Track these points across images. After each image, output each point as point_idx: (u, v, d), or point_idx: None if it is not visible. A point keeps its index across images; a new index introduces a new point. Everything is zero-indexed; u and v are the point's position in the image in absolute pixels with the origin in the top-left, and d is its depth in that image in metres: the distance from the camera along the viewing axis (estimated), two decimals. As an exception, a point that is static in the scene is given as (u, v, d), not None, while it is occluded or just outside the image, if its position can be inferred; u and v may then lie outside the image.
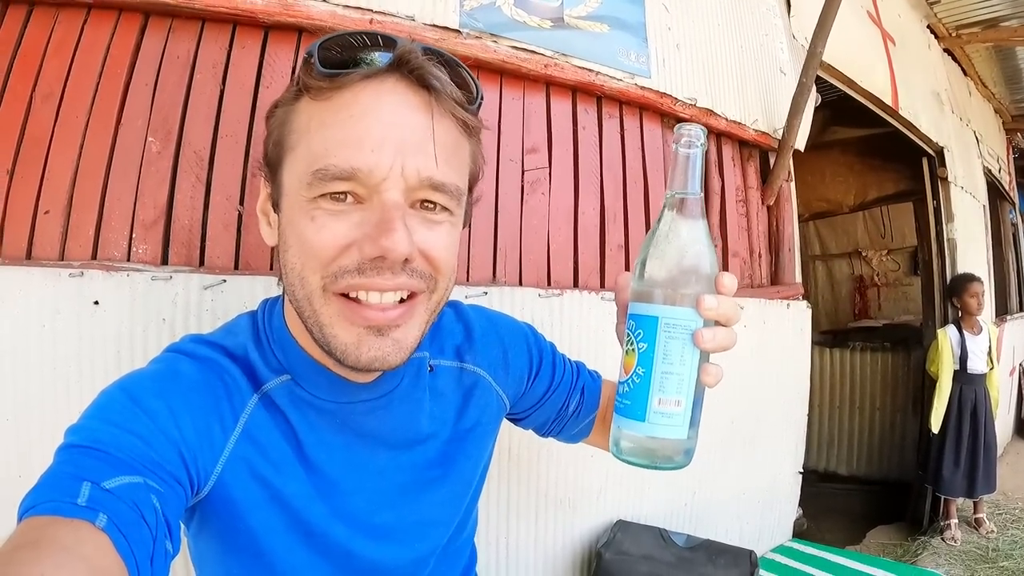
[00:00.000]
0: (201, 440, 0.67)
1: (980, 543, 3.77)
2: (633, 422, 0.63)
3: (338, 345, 0.66)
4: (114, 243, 1.37)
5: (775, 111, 2.70)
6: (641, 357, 0.62)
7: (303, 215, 0.64)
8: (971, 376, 3.92)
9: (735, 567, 1.96)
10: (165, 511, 0.59)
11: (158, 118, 1.44)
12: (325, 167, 0.62)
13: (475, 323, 0.95)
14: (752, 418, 2.62)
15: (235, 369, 0.73)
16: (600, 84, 2.05)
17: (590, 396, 1.04)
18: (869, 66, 3.50)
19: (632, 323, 0.64)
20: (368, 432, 0.79)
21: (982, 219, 5.25)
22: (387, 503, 0.80)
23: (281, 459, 0.73)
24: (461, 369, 0.91)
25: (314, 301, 0.66)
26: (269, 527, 0.72)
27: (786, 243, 2.74)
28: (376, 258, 0.63)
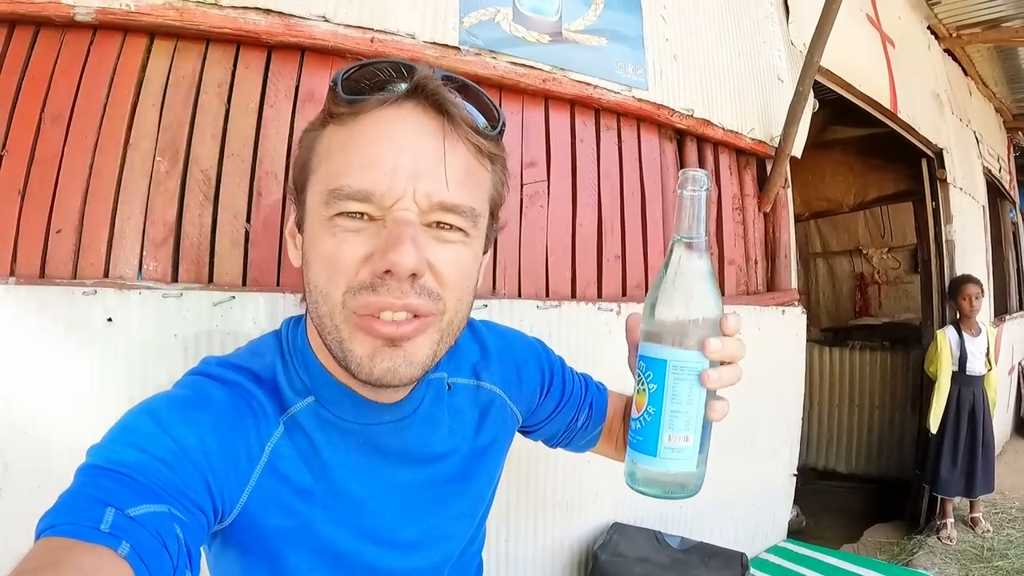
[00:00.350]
0: (228, 469, 0.66)
1: (976, 542, 3.79)
2: (646, 457, 0.67)
3: (354, 358, 0.66)
4: (125, 261, 1.40)
5: (772, 119, 2.72)
6: (651, 397, 0.66)
7: (324, 232, 0.66)
8: (969, 377, 3.94)
9: (727, 569, 2.01)
10: (187, 540, 0.58)
11: (165, 138, 1.47)
12: (340, 187, 0.64)
13: (489, 341, 0.96)
14: (747, 422, 2.65)
15: (262, 394, 0.73)
16: (598, 97, 2.07)
17: (598, 410, 1.07)
18: (868, 70, 3.50)
19: (642, 364, 0.67)
20: (391, 452, 0.80)
21: (981, 220, 5.25)
22: (410, 520, 0.82)
23: (306, 486, 0.73)
24: (478, 387, 0.93)
25: (335, 316, 0.66)
26: (292, 551, 0.73)
27: (782, 249, 2.77)
28: (385, 272, 0.63)
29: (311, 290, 0.68)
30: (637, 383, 0.68)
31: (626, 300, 2.12)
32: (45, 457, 1.27)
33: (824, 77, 3.13)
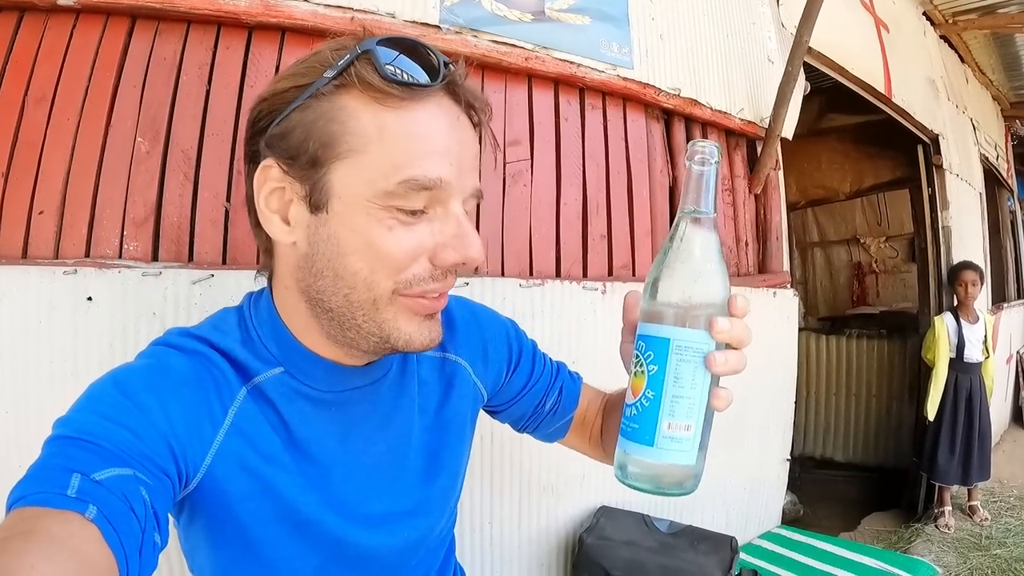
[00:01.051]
0: (191, 434, 0.66)
1: (974, 530, 3.77)
2: (641, 447, 0.62)
3: (401, 336, 0.69)
4: (106, 241, 1.41)
5: (762, 100, 2.71)
6: (651, 380, 0.61)
7: (375, 223, 0.65)
8: (967, 364, 3.92)
9: (715, 553, 1.99)
10: (154, 503, 0.59)
11: (146, 119, 1.47)
12: (414, 176, 0.63)
13: (457, 314, 0.95)
14: (738, 405, 2.52)
15: (223, 363, 0.72)
16: (582, 76, 2.06)
17: (568, 396, 1.04)
18: (861, 54, 3.49)
19: (642, 344, 0.63)
20: (361, 420, 0.80)
21: (978, 207, 5.23)
22: (379, 492, 0.81)
23: (271, 450, 0.73)
24: (443, 359, 0.92)
25: (379, 303, 0.67)
26: (258, 518, 0.72)
27: (774, 231, 2.76)
28: (454, 264, 0.68)
29: (341, 275, 0.67)
30: (634, 365, 0.64)
31: (612, 280, 2.12)
32: (26, 435, 1.28)
33: (816, 60, 3.12)
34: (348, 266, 0.66)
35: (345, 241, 0.66)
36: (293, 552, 0.75)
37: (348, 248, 0.66)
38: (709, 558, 1.97)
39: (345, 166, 0.64)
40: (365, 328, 0.69)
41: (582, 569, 1.97)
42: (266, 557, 0.74)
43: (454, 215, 0.67)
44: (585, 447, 1.08)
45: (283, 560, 0.75)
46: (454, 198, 0.67)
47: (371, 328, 0.69)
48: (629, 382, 0.65)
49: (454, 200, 0.67)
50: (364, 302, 0.68)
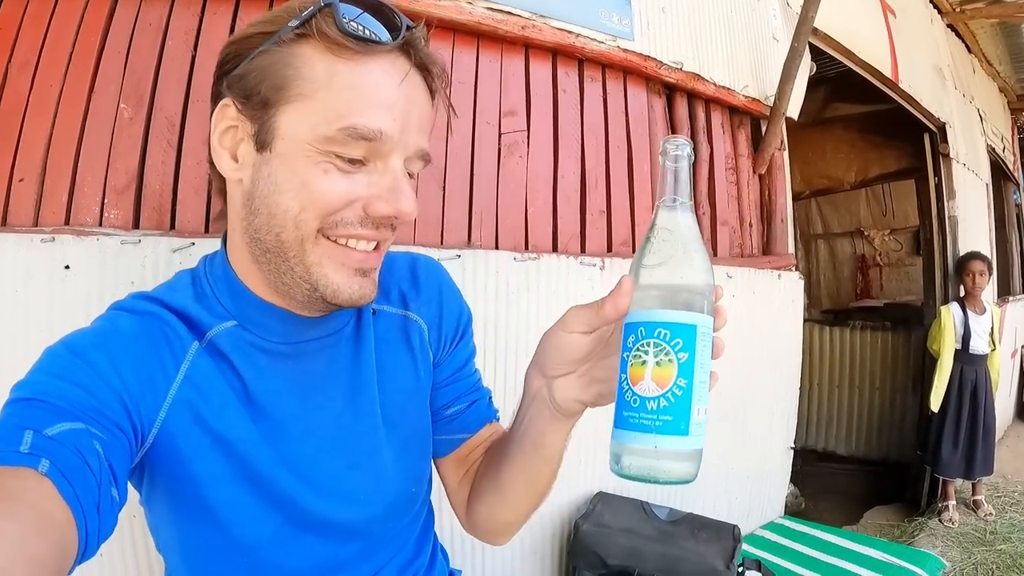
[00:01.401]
0: (143, 388, 0.67)
1: (978, 525, 3.73)
2: (676, 438, 0.59)
3: (329, 284, 0.69)
4: (86, 209, 1.39)
5: (767, 78, 2.66)
6: (682, 368, 0.59)
7: (312, 164, 0.66)
8: (972, 356, 3.88)
9: (717, 542, 1.94)
10: (109, 457, 0.59)
11: (130, 84, 1.44)
12: (355, 124, 0.64)
13: (423, 274, 0.94)
14: (741, 390, 2.59)
15: (175, 320, 0.73)
16: (581, 46, 2.02)
17: (473, 415, 0.97)
18: (868, 38, 3.44)
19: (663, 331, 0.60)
20: (320, 375, 0.80)
21: (985, 197, 5.19)
22: (338, 451, 0.80)
23: (225, 404, 0.73)
24: (405, 317, 0.90)
25: (305, 243, 0.68)
26: (214, 475, 0.72)
27: (778, 213, 2.71)
28: (386, 216, 0.68)
29: (274, 213, 0.68)
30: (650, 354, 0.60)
31: (611, 256, 2.07)
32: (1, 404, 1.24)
33: (822, 42, 3.07)
34: (280, 203, 0.67)
35: (282, 180, 0.67)
36: (250, 513, 0.74)
37: (283, 187, 0.67)
38: (710, 547, 1.91)
39: (292, 109, 0.66)
40: (297, 272, 0.70)
41: (577, 556, 1.92)
42: (224, 519, 0.73)
43: (392, 169, 0.68)
44: (454, 486, 0.98)
45: (240, 522, 0.74)
46: (395, 153, 0.68)
47: (301, 273, 0.69)
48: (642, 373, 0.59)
49: (395, 155, 0.68)
50: (292, 242, 0.68)
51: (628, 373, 0.60)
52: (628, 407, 0.60)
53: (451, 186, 1.79)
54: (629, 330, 0.61)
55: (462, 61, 1.86)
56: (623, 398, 0.60)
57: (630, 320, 0.61)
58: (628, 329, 0.61)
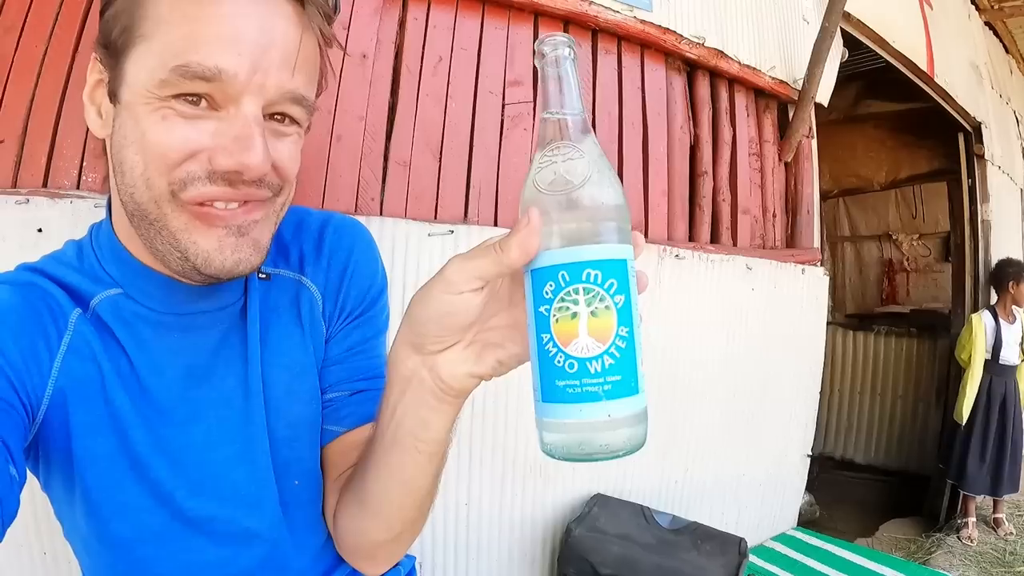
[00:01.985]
0: (27, 362, 0.63)
1: (997, 544, 3.64)
2: (630, 399, 0.49)
3: (199, 252, 0.62)
4: (64, 172, 1.37)
5: (795, 61, 2.54)
6: (620, 314, 0.48)
7: (151, 112, 0.59)
8: (1003, 367, 3.75)
9: (721, 555, 1.82)
10: (2, 435, 0.55)
11: None
12: (187, 63, 0.56)
13: (333, 234, 0.83)
14: (757, 390, 2.48)
15: (56, 290, 0.69)
16: (594, 15, 1.92)
17: (352, 408, 0.81)
18: (903, 27, 3.31)
19: (593, 272, 0.48)
20: (208, 352, 0.73)
21: (1019, 203, 5.04)
22: (223, 441, 0.72)
23: (108, 379, 0.68)
24: (299, 283, 0.80)
25: (163, 205, 0.61)
26: (96, 453, 0.67)
27: (805, 204, 2.59)
28: (229, 171, 0.59)
29: (126, 170, 0.61)
30: (576, 304, 0.48)
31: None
32: None
33: (855, 28, 2.94)
34: (127, 159, 0.61)
35: (127, 133, 0.61)
36: (131, 500, 0.68)
37: (128, 140, 0.61)
38: (713, 560, 1.80)
39: (137, 52, 0.60)
40: (164, 237, 0.62)
41: (567, 563, 1.82)
42: (103, 505, 0.68)
43: (242, 115, 0.59)
44: (325, 489, 0.82)
45: (121, 510, 0.68)
46: (247, 96, 0.59)
47: (168, 239, 0.62)
48: (574, 328, 0.48)
49: (247, 99, 0.59)
50: (148, 203, 0.61)
51: (553, 332, 0.48)
52: (563, 374, 0.48)
53: (448, 157, 1.69)
54: (542, 277, 0.49)
55: (465, 26, 1.76)
56: (552, 364, 0.48)
57: (541, 264, 0.49)
58: (540, 276, 0.49)
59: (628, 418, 0.49)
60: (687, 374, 2.18)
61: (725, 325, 2.30)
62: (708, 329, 2.24)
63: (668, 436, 2.17)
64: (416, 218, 1.60)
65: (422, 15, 1.69)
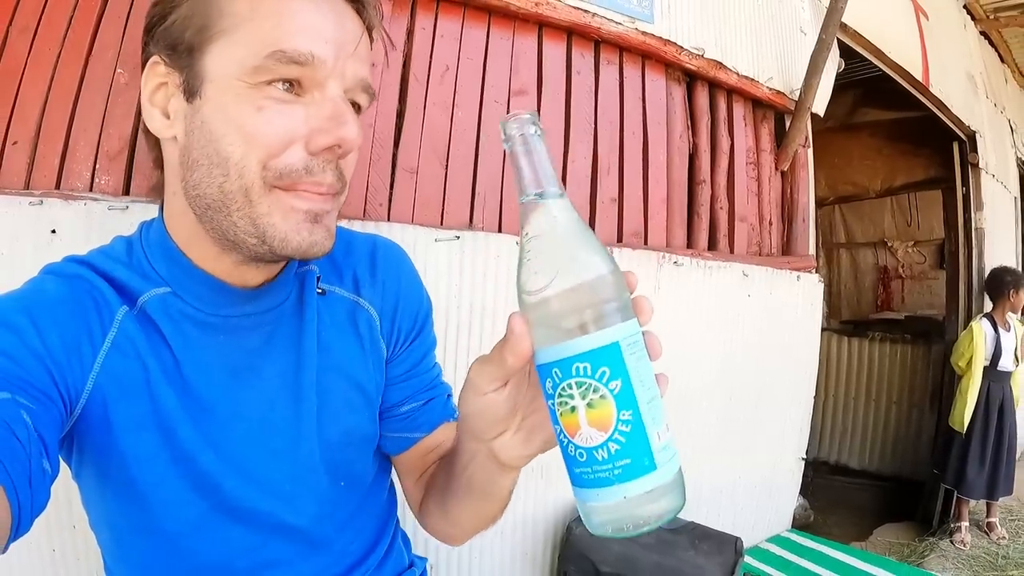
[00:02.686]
0: (70, 355, 0.64)
1: (990, 548, 3.68)
2: (644, 478, 0.49)
3: (277, 233, 0.64)
4: (77, 174, 1.37)
5: (793, 71, 2.59)
6: (619, 400, 0.48)
7: (246, 103, 0.62)
8: (1000, 373, 3.80)
9: (718, 554, 1.86)
10: (39, 428, 0.56)
11: (129, 49, 1.43)
12: (283, 49, 0.61)
13: (382, 258, 0.88)
14: (753, 395, 2.52)
15: (103, 285, 0.70)
16: (597, 27, 1.96)
17: (429, 414, 0.89)
18: (899, 38, 3.37)
19: (582, 366, 0.49)
20: (254, 352, 0.75)
21: (1013, 211, 5.11)
22: (264, 436, 0.75)
23: (153, 376, 0.69)
24: (356, 303, 0.84)
25: (252, 193, 0.63)
26: (139, 449, 0.68)
27: (800, 212, 2.64)
28: (328, 148, 0.63)
29: (214, 162, 0.63)
30: (576, 397, 0.49)
31: (621, 246, 2.01)
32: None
33: (852, 39, 3.00)
34: (220, 151, 0.63)
35: (216, 125, 0.63)
36: (174, 494, 0.71)
37: (219, 132, 0.63)
38: (710, 559, 1.84)
39: (217, 48, 0.63)
40: (241, 226, 0.64)
41: (568, 561, 1.86)
42: (148, 499, 0.70)
43: (330, 97, 0.64)
44: (409, 488, 0.93)
45: (164, 504, 0.71)
46: (332, 80, 0.64)
47: (247, 226, 0.64)
48: (576, 421, 0.49)
49: (332, 82, 0.64)
50: (237, 192, 0.63)
51: (561, 425, 0.50)
52: (576, 463, 0.50)
53: (454, 164, 1.73)
54: (542, 374, 0.51)
55: (471, 36, 1.80)
56: (567, 454, 0.50)
57: (539, 362, 0.51)
58: (541, 373, 0.51)
59: (646, 496, 0.49)
60: (685, 378, 2.21)
61: (722, 331, 2.35)
62: (705, 335, 2.28)
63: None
64: (423, 224, 1.64)
65: (430, 25, 1.73)
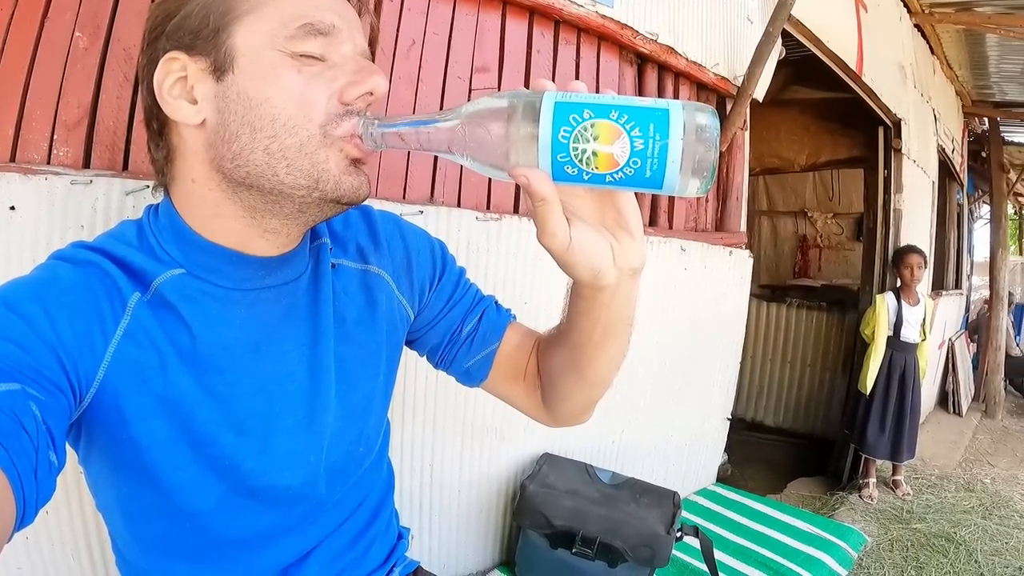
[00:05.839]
0: (81, 344, 0.64)
1: (896, 504, 3.88)
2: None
3: (331, 178, 0.68)
4: (34, 145, 1.28)
5: (737, 58, 2.68)
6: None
7: (283, 68, 0.66)
8: (903, 344, 4.02)
9: (658, 507, 2.00)
10: (47, 419, 0.56)
11: (87, 11, 1.33)
12: (311, 20, 0.66)
13: (381, 226, 0.92)
14: (685, 361, 2.67)
15: (116, 271, 0.70)
16: (559, 8, 2.00)
17: (489, 325, 0.94)
18: (838, 29, 3.49)
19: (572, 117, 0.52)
20: (275, 324, 0.77)
21: (930, 195, 5.35)
22: (288, 409, 0.77)
23: (168, 361, 0.70)
24: (365, 271, 0.88)
25: (306, 146, 0.66)
26: (155, 436, 0.69)
27: (735, 191, 2.77)
28: (362, 96, 0.68)
29: (259, 126, 0.66)
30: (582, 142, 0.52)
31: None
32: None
33: (794, 28, 3.09)
34: (264, 115, 0.66)
35: (256, 91, 0.66)
36: (192, 479, 0.72)
37: (260, 97, 0.66)
38: (651, 511, 1.97)
39: (245, 24, 0.67)
40: (291, 180, 0.67)
41: (524, 516, 1.95)
42: (166, 484, 0.71)
43: (352, 55, 0.70)
44: (519, 395, 0.96)
45: (183, 488, 0.72)
46: (347, 44, 0.70)
47: (299, 178, 0.67)
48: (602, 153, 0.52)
49: (348, 46, 0.70)
50: (289, 148, 0.67)
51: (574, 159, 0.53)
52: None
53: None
54: (558, 150, 0.53)
55: (438, 11, 1.81)
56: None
57: (547, 154, 0.53)
58: (556, 151, 0.53)
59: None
60: (625, 346, 2.33)
61: (660, 303, 2.47)
62: (646, 307, 2.39)
63: (607, 400, 2.32)
64: (388, 198, 1.66)
65: (397, -2, 1.72)
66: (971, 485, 4.34)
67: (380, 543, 0.96)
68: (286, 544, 0.82)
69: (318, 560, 0.85)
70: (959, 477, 4.50)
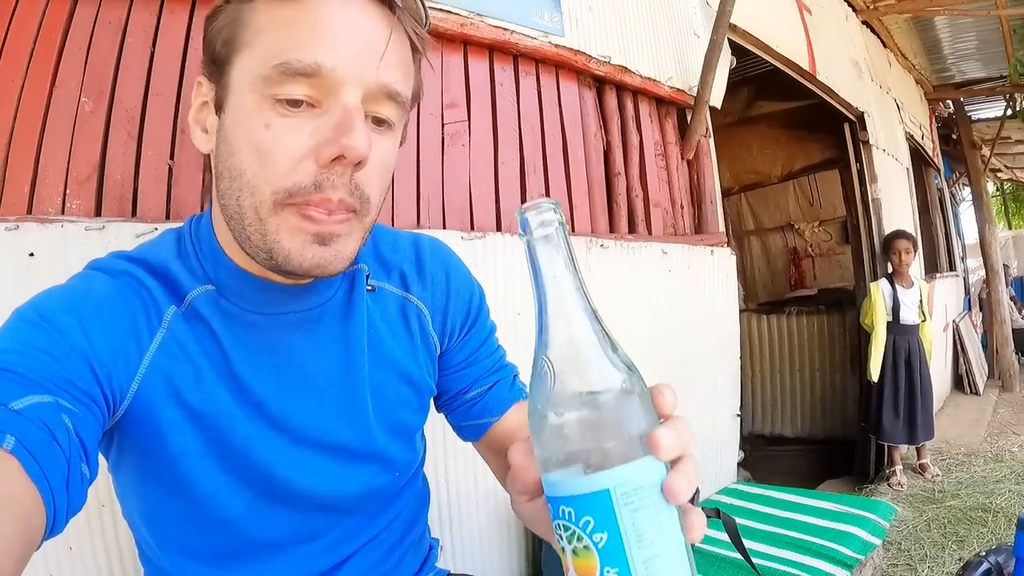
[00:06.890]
0: (115, 356, 0.63)
1: (926, 486, 3.87)
2: None
3: (281, 251, 0.63)
4: (48, 199, 1.39)
5: (690, 71, 2.83)
6: (603, 554, 0.42)
7: (256, 119, 0.61)
8: (904, 327, 4.06)
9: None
10: (79, 431, 0.56)
11: (91, 79, 1.46)
12: (288, 60, 0.58)
13: (428, 258, 0.87)
14: (684, 360, 2.71)
15: (153, 282, 0.69)
16: (515, 43, 2.14)
17: (495, 399, 0.89)
18: (785, 34, 3.64)
19: (566, 510, 0.44)
20: (299, 349, 0.75)
21: (906, 181, 5.45)
22: (317, 425, 0.76)
23: (203, 374, 0.69)
24: (405, 299, 0.84)
25: (261, 210, 0.62)
26: (187, 448, 0.69)
27: (707, 195, 2.89)
28: (334, 160, 0.60)
29: (233, 176, 0.63)
30: (565, 540, 0.45)
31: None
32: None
33: (742, 39, 3.25)
34: (236, 165, 0.63)
35: (233, 139, 0.63)
36: (222, 487, 0.72)
37: (235, 146, 0.63)
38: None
39: (241, 59, 0.62)
40: (253, 240, 0.64)
41: None
42: (195, 493, 0.71)
43: (341, 106, 0.61)
44: (499, 470, 0.91)
45: (212, 496, 0.72)
46: (347, 88, 0.60)
47: (257, 241, 0.64)
48: (566, 563, 0.45)
49: (345, 90, 0.60)
50: (246, 208, 0.63)
51: (562, 558, 0.46)
52: None
53: (399, 171, 1.86)
54: (548, 501, 0.46)
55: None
56: None
57: (545, 491, 0.46)
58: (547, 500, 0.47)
59: None
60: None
61: (649, 303, 2.54)
62: (637, 308, 2.47)
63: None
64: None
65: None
66: (999, 456, 4.31)
67: (413, 554, 0.94)
68: (318, 550, 0.81)
69: (352, 570, 0.84)
70: (986, 451, 4.48)
